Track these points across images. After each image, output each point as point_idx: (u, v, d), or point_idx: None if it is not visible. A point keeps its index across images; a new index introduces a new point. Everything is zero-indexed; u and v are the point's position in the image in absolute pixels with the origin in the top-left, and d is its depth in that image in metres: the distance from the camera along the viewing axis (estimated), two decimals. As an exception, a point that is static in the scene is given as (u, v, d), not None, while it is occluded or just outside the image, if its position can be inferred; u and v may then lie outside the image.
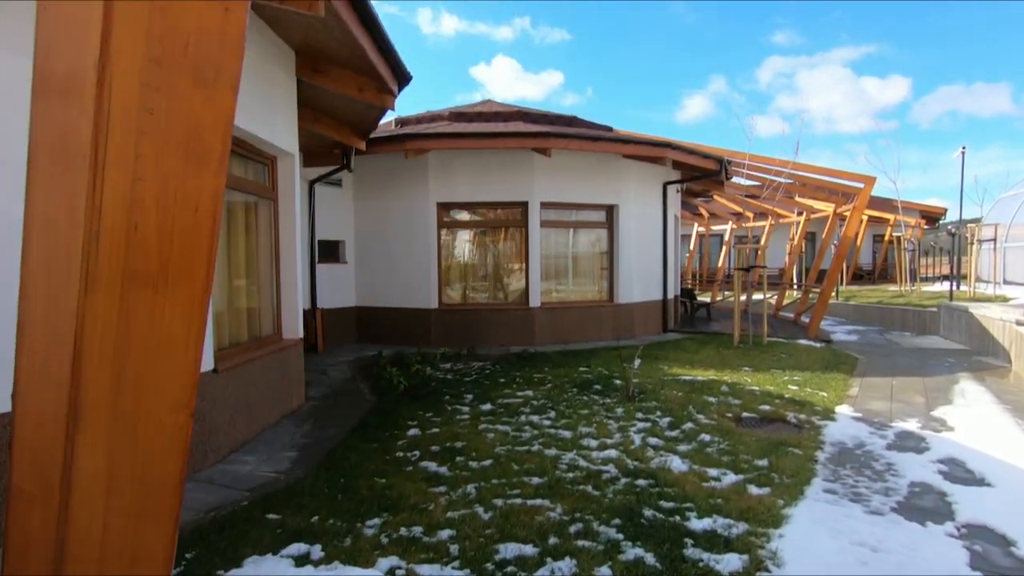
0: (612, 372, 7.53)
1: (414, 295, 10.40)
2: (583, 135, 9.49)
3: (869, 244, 29.55)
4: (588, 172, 10.65)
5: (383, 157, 10.30)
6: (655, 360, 8.49)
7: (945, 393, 6.62)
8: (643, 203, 11.43)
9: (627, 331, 11.16)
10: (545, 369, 7.90)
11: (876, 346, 10.47)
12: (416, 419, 5.45)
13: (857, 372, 7.81)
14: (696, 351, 9.35)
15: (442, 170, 10.19)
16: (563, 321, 10.53)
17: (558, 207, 10.68)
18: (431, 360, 8.52)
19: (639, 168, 11.18)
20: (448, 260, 10.57)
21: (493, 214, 10.65)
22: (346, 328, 10.72)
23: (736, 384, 6.88)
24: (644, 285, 11.51)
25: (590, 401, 6.10)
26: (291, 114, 5.93)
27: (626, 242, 11.08)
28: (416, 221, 10.32)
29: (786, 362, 8.35)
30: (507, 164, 10.16)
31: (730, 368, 7.88)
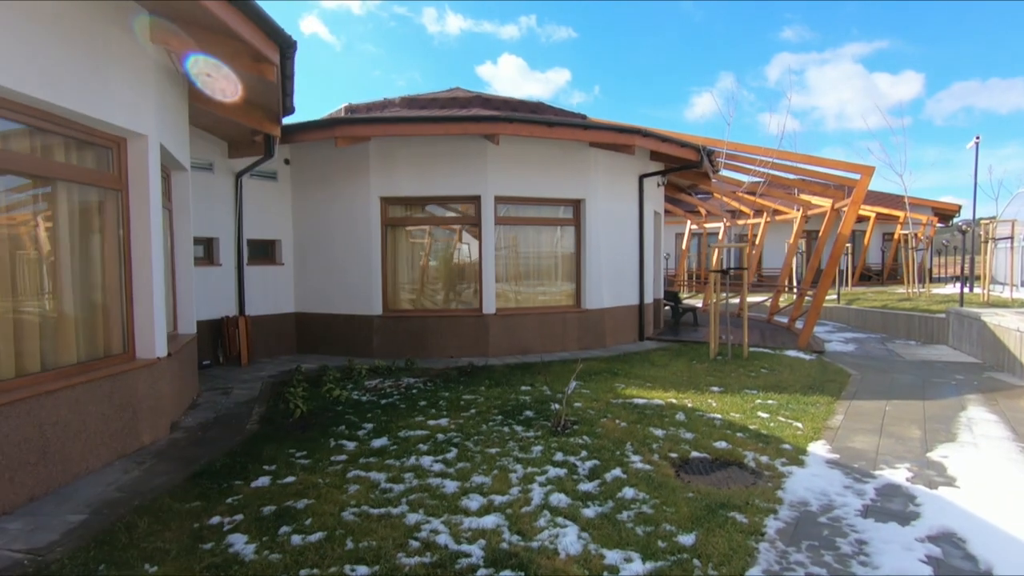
0: (556, 393, 6.43)
1: (355, 300, 9.37)
2: (536, 119, 8.39)
3: (878, 243, 28.16)
4: (550, 163, 9.55)
5: (322, 147, 9.28)
6: (612, 377, 7.38)
7: (948, 424, 5.45)
8: (615, 197, 10.31)
9: (596, 340, 10.05)
10: (481, 388, 6.82)
11: (874, 358, 9.26)
12: (279, 461, 4.39)
13: (846, 393, 6.65)
14: (665, 365, 8.21)
15: (384, 161, 9.14)
16: (521, 330, 9.44)
17: (516, 202, 9.59)
18: (356, 376, 7.48)
19: (609, 159, 10.06)
20: (393, 262, 9.52)
21: (443, 210, 9.58)
22: (283, 337, 9.71)
23: (696, 411, 5.76)
24: (616, 289, 10.39)
25: (509, 435, 5.01)
26: (144, 87, 4.89)
27: (594, 241, 9.96)
28: (357, 218, 9.29)
29: (764, 380, 7.20)
30: (457, 154, 9.09)
31: (696, 388, 6.75)
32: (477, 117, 8.10)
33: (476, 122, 8.12)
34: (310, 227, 9.71)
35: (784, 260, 14.41)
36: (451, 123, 8.10)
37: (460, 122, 8.10)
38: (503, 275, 9.68)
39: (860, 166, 9.20)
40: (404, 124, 8.16)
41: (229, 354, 8.61)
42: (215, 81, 5.80)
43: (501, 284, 9.62)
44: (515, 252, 9.82)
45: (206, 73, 5.66)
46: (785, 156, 10.00)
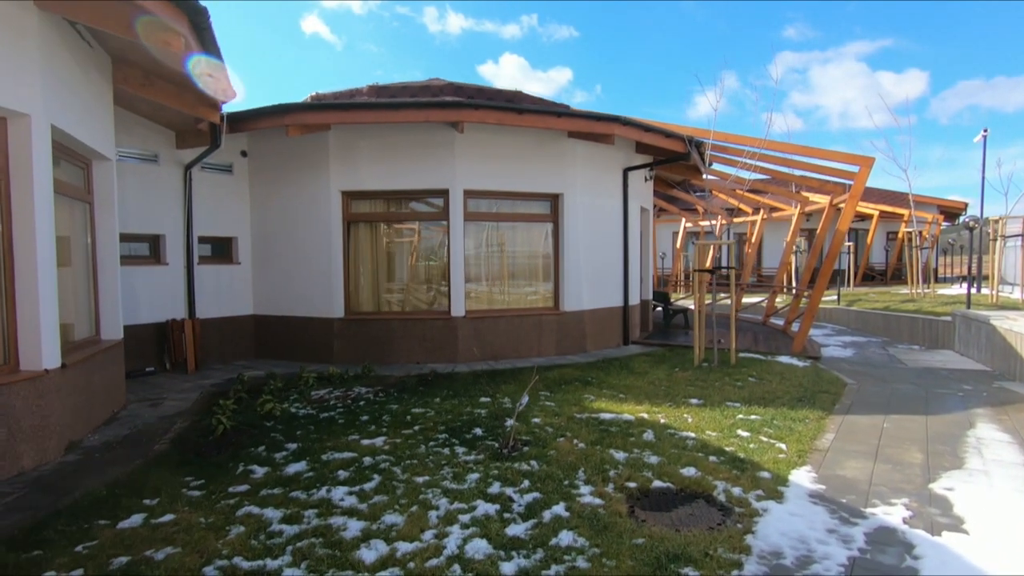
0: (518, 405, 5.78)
1: (315, 302, 8.73)
2: (504, 106, 7.73)
3: (882, 242, 27.40)
4: (525, 155, 8.90)
5: (281, 138, 8.65)
6: (583, 387, 6.72)
7: (954, 445, 4.77)
8: (596, 192, 9.64)
9: (575, 344, 9.38)
10: (436, 400, 6.17)
11: (873, 365, 8.57)
12: (166, 493, 3.76)
13: (839, 407, 5.97)
14: (644, 373, 7.55)
15: (345, 153, 8.50)
16: (493, 334, 8.78)
17: (488, 196, 8.94)
18: (303, 386, 6.84)
19: (590, 151, 9.40)
20: (356, 261, 8.88)
21: (408, 205, 8.93)
22: (241, 341, 9.08)
23: (668, 428, 5.09)
24: (598, 289, 9.72)
25: (447, 459, 4.36)
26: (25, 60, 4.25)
27: (573, 238, 9.30)
28: (316, 214, 8.65)
29: (750, 391, 6.52)
30: (423, 145, 8.45)
31: (672, 401, 6.08)
32: (439, 103, 7.45)
33: (438, 108, 7.47)
34: (269, 224, 9.08)
35: (781, 259, 13.71)
36: (410, 110, 7.46)
37: (421, 108, 7.45)
38: (474, 275, 9.03)
39: (859, 157, 8.51)
40: (358, 111, 7.52)
41: (175, 360, 7.99)
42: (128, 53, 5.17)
43: (472, 285, 8.98)
44: (487, 250, 9.17)
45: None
46: (777, 147, 9.31)
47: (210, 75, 5.63)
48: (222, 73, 5.90)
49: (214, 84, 5.90)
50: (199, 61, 5.15)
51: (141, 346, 7.86)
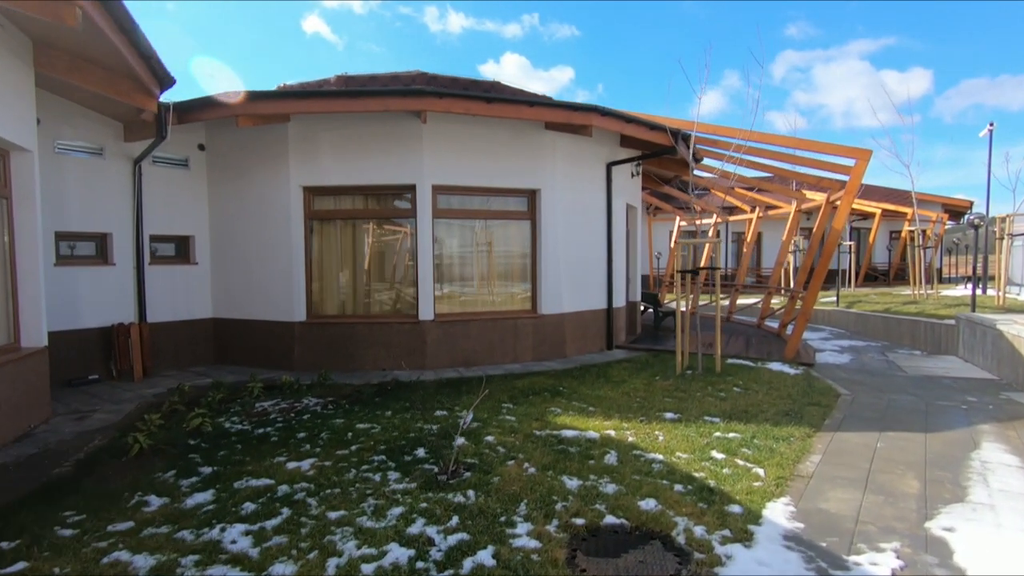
0: (475, 421, 5.26)
1: (275, 305, 8.21)
2: (471, 94, 7.18)
3: (884, 241, 26.75)
4: (499, 148, 8.36)
5: (240, 130, 8.13)
6: (552, 399, 6.17)
7: (956, 471, 4.21)
8: (577, 188, 9.09)
9: (554, 350, 8.84)
10: (388, 414, 5.64)
11: (870, 373, 7.99)
12: (32, 531, 3.24)
13: (830, 422, 5.41)
14: (622, 381, 7.00)
15: (306, 145, 7.98)
16: (465, 338, 8.25)
17: (459, 192, 8.40)
18: (247, 396, 6.32)
19: (570, 144, 8.85)
20: (320, 261, 8.36)
21: (374, 201, 8.40)
22: (198, 346, 8.57)
23: (634, 449, 4.55)
24: (579, 291, 9.17)
25: (375, 487, 3.83)
26: None
27: (552, 237, 8.76)
28: (276, 211, 8.14)
29: (733, 403, 5.97)
30: (389, 137, 7.92)
31: (646, 415, 5.53)
32: (400, 90, 6.91)
33: (398, 96, 6.94)
34: (228, 222, 8.56)
35: (776, 259, 13.13)
36: (368, 98, 6.92)
37: (380, 96, 6.92)
38: (445, 276, 8.49)
39: (855, 150, 7.93)
40: (312, 99, 6.99)
41: (120, 367, 7.48)
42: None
43: (443, 287, 8.45)
44: (459, 250, 8.64)
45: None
46: (769, 140, 8.73)
47: (145, 57, 5.10)
48: (154, 55, 5.37)
49: (154, 68, 5.38)
50: (125, 43, 4.63)
51: (85, 352, 7.37)
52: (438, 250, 8.34)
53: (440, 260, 8.41)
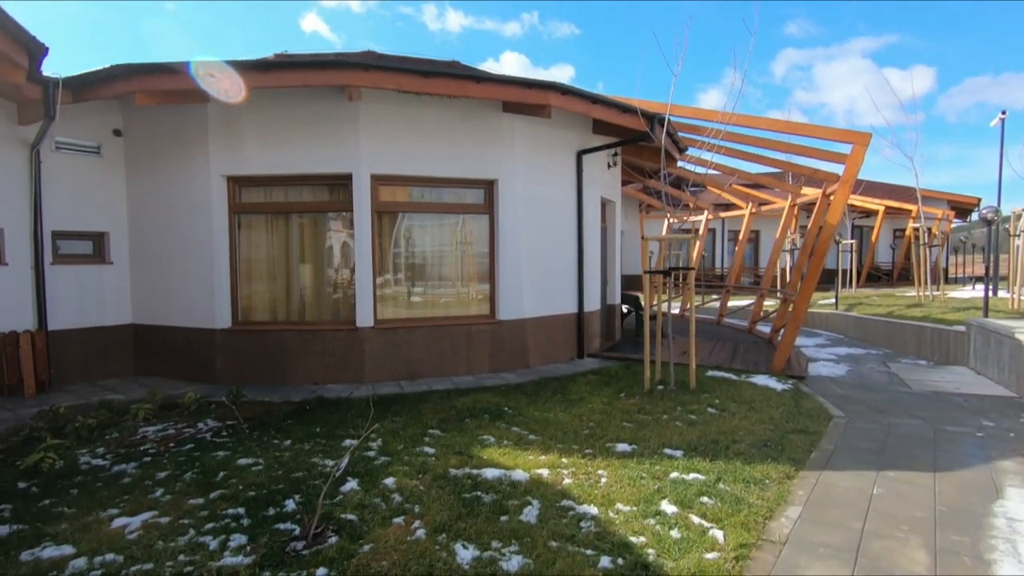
0: (381, 456, 4.32)
1: (195, 310, 7.29)
2: (405, 68, 6.21)
3: (888, 239, 25.73)
4: (450, 134, 7.41)
5: (160, 114, 7.23)
6: (491, 422, 5.23)
7: (975, 536, 3.24)
8: (542, 179, 8.13)
9: (515, 359, 7.89)
10: (285, 444, 4.71)
11: (870, 388, 7.02)
12: None
13: (817, 455, 4.44)
14: (580, 399, 6.04)
15: (228, 130, 7.05)
16: (411, 348, 7.30)
17: (403, 182, 7.46)
18: (130, 419, 5.39)
19: (532, 129, 7.90)
20: (248, 260, 7.42)
21: (309, 193, 7.45)
22: (115, 356, 7.64)
23: (566, 497, 3.60)
24: (544, 294, 8.22)
25: (201, 561, 2.89)
26: None
27: (512, 233, 7.81)
28: (196, 203, 7.21)
29: (705, 428, 5.00)
30: (321, 120, 6.98)
31: (595, 445, 4.58)
32: (321, 62, 5.97)
33: (319, 69, 5.99)
34: (149, 216, 7.63)
35: (769, 257, 12.15)
36: (284, 71, 5.98)
37: (297, 70, 5.97)
38: (389, 278, 7.55)
39: (852, 133, 6.96)
40: (220, 73, 6.04)
41: (9, 381, 6.55)
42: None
43: (386, 288, 7.50)
44: (406, 248, 7.69)
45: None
46: (754, 123, 7.74)
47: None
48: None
49: (16, 32, 4.43)
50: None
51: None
52: (380, 248, 7.40)
53: (383, 259, 7.46)
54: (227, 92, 6.06)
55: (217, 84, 6.00)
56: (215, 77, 5.88)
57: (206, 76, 5.89)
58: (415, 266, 7.72)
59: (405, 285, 7.67)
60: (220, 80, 5.94)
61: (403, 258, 7.65)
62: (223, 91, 6.05)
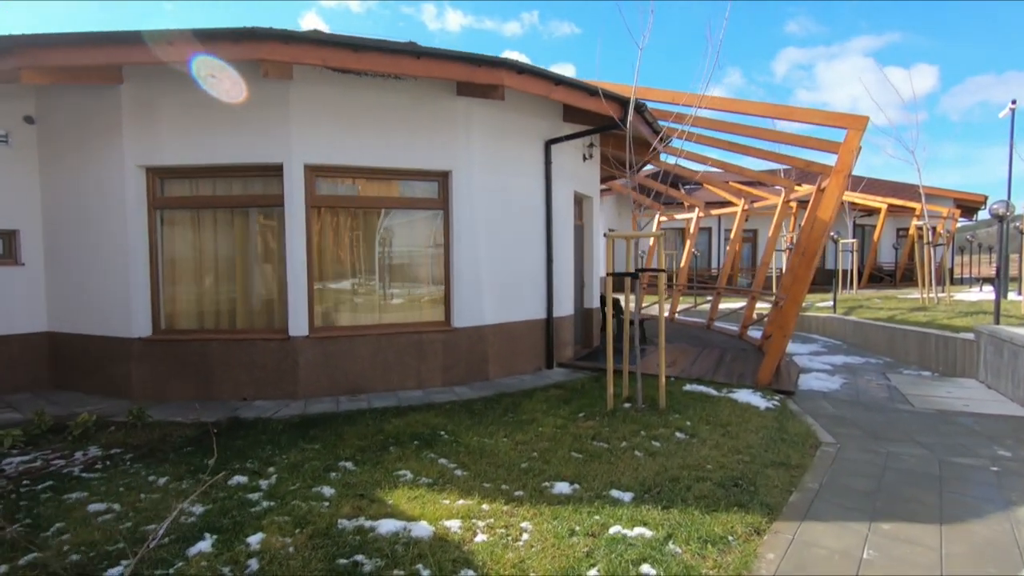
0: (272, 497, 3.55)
1: (110, 316, 6.53)
2: (328, 40, 5.42)
3: (891, 239, 24.87)
4: (396, 119, 6.64)
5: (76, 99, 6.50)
6: (420, 451, 4.45)
7: (996, 624, 2.44)
8: (504, 170, 7.36)
9: (473, 371, 7.11)
10: (158, 483, 3.94)
11: (866, 406, 6.21)
12: None
13: (797, 499, 3.65)
14: (532, 421, 5.25)
15: (146, 114, 6.29)
16: (352, 359, 6.53)
17: (345, 174, 6.70)
18: (-2, 448, 4.62)
19: (492, 115, 7.12)
20: (172, 261, 6.66)
21: (239, 186, 6.67)
22: (27, 367, 6.90)
23: (467, 566, 2.81)
24: (507, 298, 7.45)
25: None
26: None
27: (470, 231, 7.03)
28: (110, 198, 6.46)
29: (666, 461, 4.21)
30: (249, 102, 6.20)
31: (527, 486, 3.79)
32: (231, 31, 5.18)
33: (231, 42, 5.20)
34: (64, 212, 6.87)
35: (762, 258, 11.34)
36: (192, 44, 5.19)
37: (207, 41, 5.19)
38: (328, 280, 6.77)
39: (846, 116, 6.15)
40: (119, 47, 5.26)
41: None
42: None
43: (325, 293, 6.73)
44: (348, 248, 6.91)
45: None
46: (736, 107, 6.94)
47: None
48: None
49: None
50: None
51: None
52: (320, 248, 6.63)
53: (322, 260, 6.69)
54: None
55: (101, 57, 5.24)
56: (104, 50, 5.11)
57: (98, 50, 5.12)
58: (358, 268, 6.93)
59: (347, 289, 6.89)
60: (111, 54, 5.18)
61: (345, 259, 6.87)
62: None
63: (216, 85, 5.91)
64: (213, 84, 5.88)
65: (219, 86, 5.93)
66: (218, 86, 5.93)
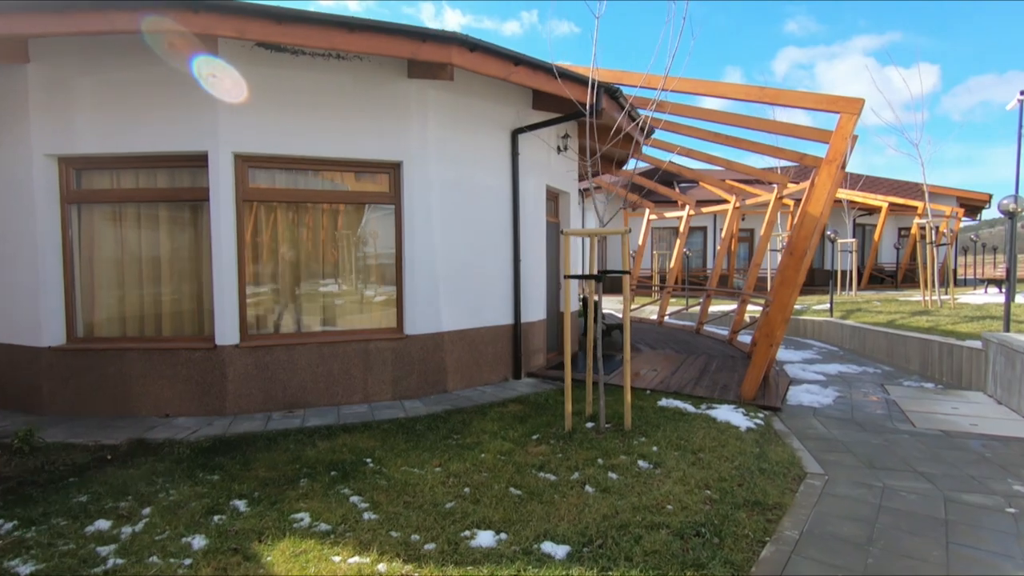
0: (124, 552, 2.89)
1: (18, 324, 5.88)
2: (247, 9, 4.74)
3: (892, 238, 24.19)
4: (340, 104, 5.98)
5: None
6: (334, 485, 3.78)
7: None
8: (463, 160, 6.70)
9: (428, 382, 6.44)
10: (4, 529, 3.27)
11: (861, 425, 5.52)
12: None
13: (770, 554, 2.97)
14: (476, 444, 4.58)
15: (56, 96, 5.63)
16: (290, 370, 5.86)
17: (281, 164, 6.02)
18: None
19: (448, 100, 6.46)
20: (90, 261, 6.00)
21: (165, 178, 6.00)
22: (-67, 377, 6.22)
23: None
24: (468, 302, 6.78)
25: None
26: None
27: (424, 228, 6.37)
28: (16, 191, 5.79)
29: (621, 499, 3.53)
30: (171, 84, 5.55)
31: (446, 532, 3.11)
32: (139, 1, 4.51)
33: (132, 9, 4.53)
34: (-24, 207, 6.21)
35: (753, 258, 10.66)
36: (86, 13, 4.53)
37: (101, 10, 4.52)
38: (263, 283, 6.11)
39: (838, 98, 5.46)
40: None
41: None
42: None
43: (260, 298, 6.06)
44: (288, 246, 6.24)
45: None
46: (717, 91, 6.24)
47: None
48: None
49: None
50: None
51: None
52: (254, 247, 5.97)
53: (257, 261, 6.03)
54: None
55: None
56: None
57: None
58: (299, 269, 6.26)
59: (285, 293, 6.22)
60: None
61: (284, 259, 6.20)
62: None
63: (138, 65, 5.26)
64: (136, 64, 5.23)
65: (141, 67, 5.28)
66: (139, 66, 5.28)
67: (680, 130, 8.47)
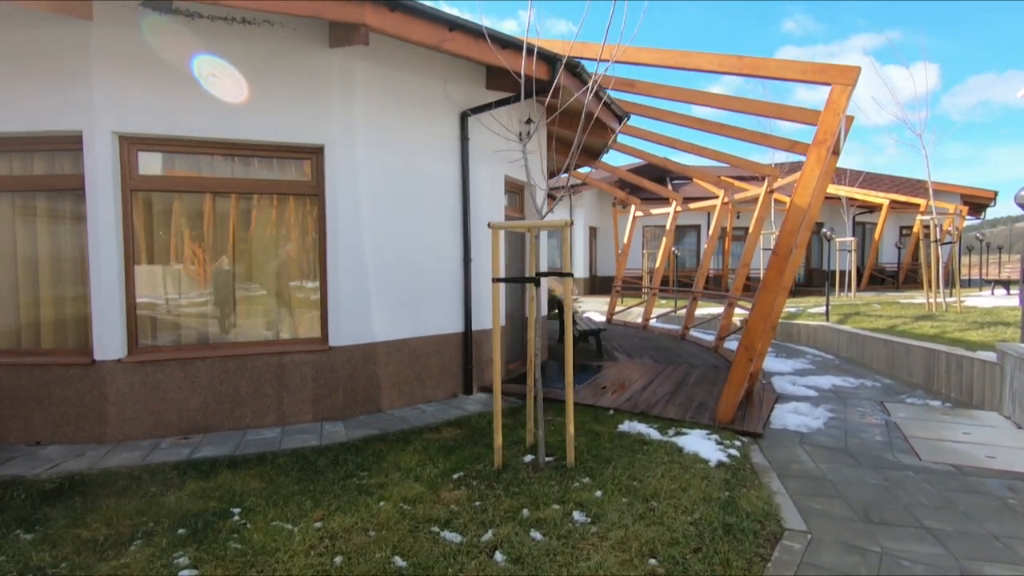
0: None
1: None
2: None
3: (893, 236, 23.31)
4: (249, 77, 5.10)
5: None
6: (171, 551, 2.91)
7: None
8: (401, 146, 5.83)
9: (359, 400, 5.57)
10: None
11: (856, 459, 4.64)
12: None
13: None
14: (382, 485, 3.71)
15: (-98, 67, 4.75)
16: (188, 389, 5.00)
17: (178, 147, 5.15)
18: None
19: (383, 76, 5.60)
20: (-46, 260, 5.12)
21: (42, 163, 5.13)
22: None
23: None
24: (407, 308, 5.92)
25: None
26: None
27: (352, 223, 5.51)
28: None
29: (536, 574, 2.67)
30: (35, 50, 4.68)
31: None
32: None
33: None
34: None
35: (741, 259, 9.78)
36: None
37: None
38: (154, 287, 5.24)
39: (829, 67, 4.58)
40: None
41: None
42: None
43: (154, 304, 5.19)
44: (185, 245, 5.37)
45: None
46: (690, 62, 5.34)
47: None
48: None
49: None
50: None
51: None
52: (146, 245, 5.10)
53: (150, 260, 5.16)
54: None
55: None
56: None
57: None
58: (201, 272, 5.39)
59: (184, 300, 5.34)
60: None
61: (182, 260, 5.33)
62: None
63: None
64: None
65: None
66: None
67: (663, 117, 7.61)
